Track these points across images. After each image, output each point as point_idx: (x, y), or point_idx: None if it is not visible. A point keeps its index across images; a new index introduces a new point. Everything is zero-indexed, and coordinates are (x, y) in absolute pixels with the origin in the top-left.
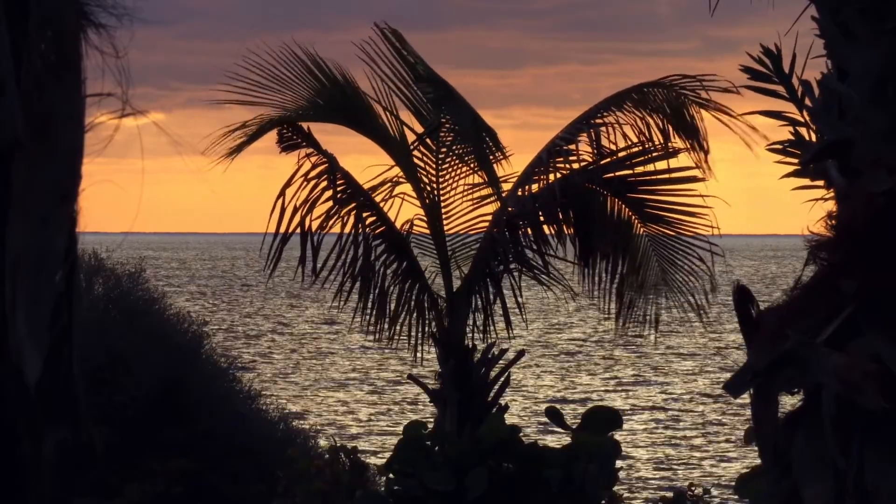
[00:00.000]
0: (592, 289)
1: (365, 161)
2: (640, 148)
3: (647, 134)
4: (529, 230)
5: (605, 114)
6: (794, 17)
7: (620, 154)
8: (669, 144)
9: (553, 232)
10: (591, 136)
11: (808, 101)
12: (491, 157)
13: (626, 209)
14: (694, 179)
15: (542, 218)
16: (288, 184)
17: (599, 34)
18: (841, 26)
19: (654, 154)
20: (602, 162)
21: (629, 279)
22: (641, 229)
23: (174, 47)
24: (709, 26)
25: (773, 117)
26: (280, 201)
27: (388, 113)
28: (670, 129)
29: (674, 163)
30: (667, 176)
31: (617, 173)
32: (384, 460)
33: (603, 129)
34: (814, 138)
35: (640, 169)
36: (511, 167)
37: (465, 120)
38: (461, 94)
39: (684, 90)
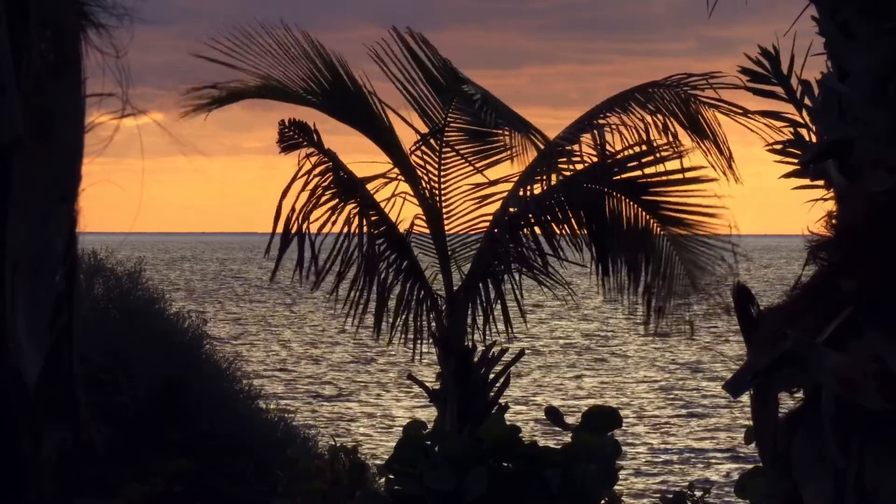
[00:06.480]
0: (615, 294)
1: (365, 160)
2: (645, 148)
3: (651, 135)
4: (527, 230)
5: (607, 114)
6: (792, 16)
7: (627, 153)
8: (678, 145)
9: (548, 232)
10: (594, 136)
11: (807, 101)
12: (541, 146)
13: (644, 213)
14: (706, 179)
15: (548, 217)
16: (290, 184)
17: (597, 34)
18: (841, 26)
19: (660, 155)
20: (609, 161)
21: (655, 284)
22: (661, 232)
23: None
24: (705, 27)
25: (772, 118)
26: (282, 203)
27: (383, 111)
28: (678, 130)
29: (686, 163)
30: (679, 176)
31: (621, 173)
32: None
33: (606, 129)
34: (814, 139)
35: (650, 170)
36: (520, 164)
37: (506, 114)
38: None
39: (694, 90)
